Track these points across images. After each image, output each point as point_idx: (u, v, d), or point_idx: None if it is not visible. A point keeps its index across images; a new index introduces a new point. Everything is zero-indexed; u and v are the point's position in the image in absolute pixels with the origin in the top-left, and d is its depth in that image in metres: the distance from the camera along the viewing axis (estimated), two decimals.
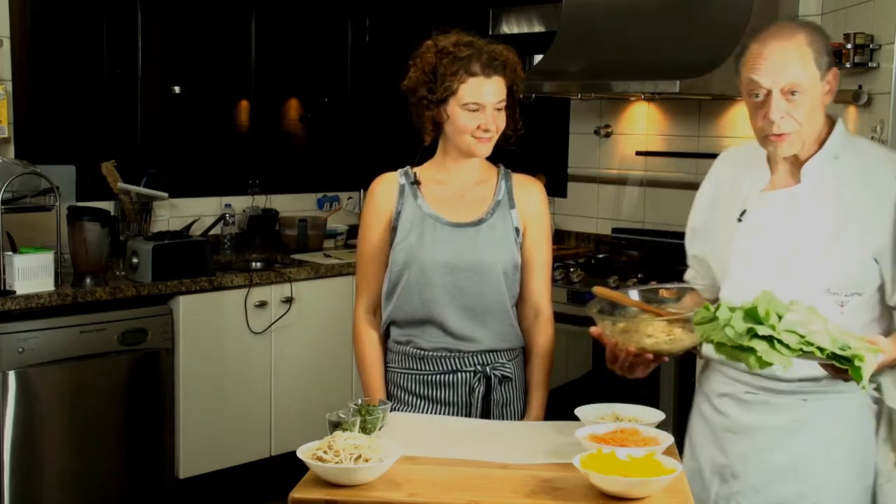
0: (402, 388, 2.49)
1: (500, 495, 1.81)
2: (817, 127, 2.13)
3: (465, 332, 2.43)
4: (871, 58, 3.24)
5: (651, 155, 4.67)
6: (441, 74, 2.39)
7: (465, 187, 2.50)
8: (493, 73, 2.40)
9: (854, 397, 2.12)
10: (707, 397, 2.31)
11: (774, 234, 2.16)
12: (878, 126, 3.18)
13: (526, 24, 5.33)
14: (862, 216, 2.09)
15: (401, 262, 2.44)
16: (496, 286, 2.44)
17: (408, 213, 2.47)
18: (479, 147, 2.43)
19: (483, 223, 2.46)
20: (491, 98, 2.39)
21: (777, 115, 2.06)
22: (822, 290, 2.09)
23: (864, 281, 2.10)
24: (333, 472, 1.80)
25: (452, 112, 2.40)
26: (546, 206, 2.57)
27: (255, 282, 4.19)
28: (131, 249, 3.96)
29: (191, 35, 4.70)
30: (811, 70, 2.06)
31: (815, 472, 2.14)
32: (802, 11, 3.97)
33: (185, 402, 4.03)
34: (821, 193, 2.13)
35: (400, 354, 2.50)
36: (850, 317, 2.09)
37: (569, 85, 4.39)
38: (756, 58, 2.09)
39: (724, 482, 2.24)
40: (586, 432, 1.96)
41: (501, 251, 2.45)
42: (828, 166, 2.14)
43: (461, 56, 2.38)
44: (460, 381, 2.45)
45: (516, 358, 2.52)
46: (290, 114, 5.19)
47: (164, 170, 4.50)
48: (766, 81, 2.07)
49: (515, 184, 2.53)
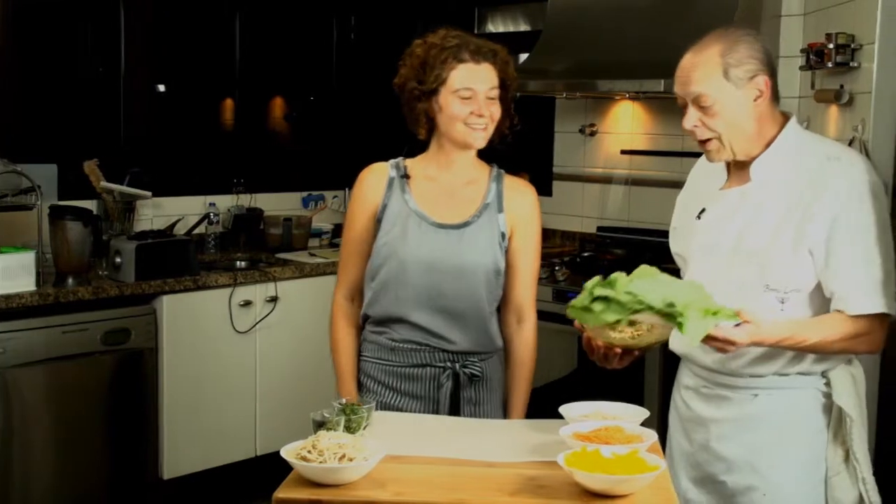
0: (372, 378, 2.50)
1: (485, 494, 1.81)
2: (746, 133, 2.17)
3: (439, 332, 2.43)
4: (852, 57, 3.26)
5: (636, 154, 4.68)
6: (430, 65, 2.38)
7: (455, 186, 2.48)
8: (482, 59, 2.39)
9: (805, 393, 2.21)
10: (678, 389, 2.42)
11: (724, 231, 2.23)
12: (859, 125, 3.19)
13: (511, 23, 5.33)
14: (802, 213, 2.13)
15: (382, 256, 2.44)
16: (475, 290, 2.42)
17: (393, 208, 2.45)
18: (474, 136, 2.41)
19: (468, 226, 2.44)
20: (482, 84, 2.38)
21: (688, 124, 2.17)
22: (762, 286, 2.16)
23: (802, 278, 2.14)
24: (318, 472, 1.80)
25: (444, 101, 2.38)
26: (537, 213, 2.54)
27: (240, 281, 4.18)
28: (114, 249, 3.95)
29: (175, 33, 4.68)
30: (719, 81, 2.12)
31: (766, 465, 2.22)
32: (785, 11, 3.99)
33: (168, 403, 4.01)
34: (768, 191, 2.19)
35: (373, 344, 2.50)
36: (792, 314, 2.15)
37: (554, 84, 4.40)
38: (677, 69, 2.20)
39: (692, 470, 2.35)
40: (570, 430, 1.96)
41: (484, 255, 2.43)
42: (777, 164, 2.19)
43: (449, 45, 2.38)
44: (428, 376, 2.45)
45: (489, 358, 2.50)
46: (275, 112, 5.18)
47: (147, 169, 4.47)
48: (679, 92, 2.19)
49: (507, 187, 2.51)
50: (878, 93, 3.14)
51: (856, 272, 2.10)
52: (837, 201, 2.11)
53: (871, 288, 2.10)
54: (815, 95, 3.54)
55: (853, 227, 2.11)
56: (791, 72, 3.76)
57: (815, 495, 2.21)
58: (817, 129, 3.62)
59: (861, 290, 2.10)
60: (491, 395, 2.50)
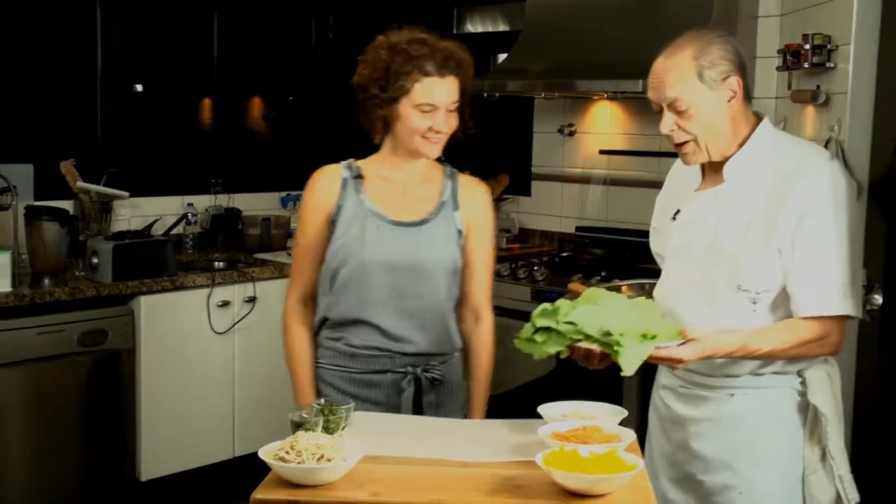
0: (330, 386, 2.46)
1: (463, 494, 1.81)
2: (722, 134, 2.18)
3: (400, 334, 2.40)
4: (828, 58, 3.28)
5: (614, 154, 4.69)
6: (394, 73, 2.33)
7: (410, 185, 2.46)
8: (447, 73, 2.35)
9: (781, 392, 2.22)
10: (657, 389, 2.43)
11: (697, 232, 2.24)
12: (835, 125, 3.21)
13: (490, 23, 5.33)
14: (773, 213, 2.14)
15: (339, 258, 2.40)
16: (436, 289, 2.41)
17: (349, 209, 2.42)
18: (429, 148, 2.39)
19: (426, 223, 2.42)
20: (444, 98, 2.35)
21: (665, 128, 2.18)
22: (734, 287, 2.17)
23: (773, 278, 2.15)
24: (296, 473, 1.79)
25: (404, 112, 2.35)
26: (491, 210, 2.54)
27: (218, 281, 4.16)
28: (91, 249, 3.92)
29: (152, 32, 4.66)
30: (693, 84, 2.13)
31: (743, 464, 2.23)
32: (762, 12, 4.01)
33: (146, 404, 3.99)
34: (741, 192, 2.20)
35: (331, 350, 2.46)
36: (763, 314, 2.17)
37: (533, 84, 4.40)
38: (650, 73, 2.21)
39: (671, 469, 2.36)
40: (549, 430, 1.96)
41: (443, 253, 2.41)
42: (750, 165, 2.21)
43: (415, 55, 2.33)
44: (388, 382, 2.42)
45: (449, 360, 2.49)
46: (254, 112, 5.16)
47: (124, 169, 4.45)
48: (654, 97, 2.19)
49: (461, 185, 2.50)
50: (854, 93, 3.16)
51: (816, 272, 2.11)
52: (807, 202, 2.12)
53: (829, 290, 2.11)
54: (791, 96, 3.56)
55: (819, 229, 2.12)
56: (768, 72, 3.78)
57: (792, 494, 2.22)
58: (794, 129, 3.64)
59: (818, 291, 2.11)
60: (452, 398, 2.49)
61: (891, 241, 3.15)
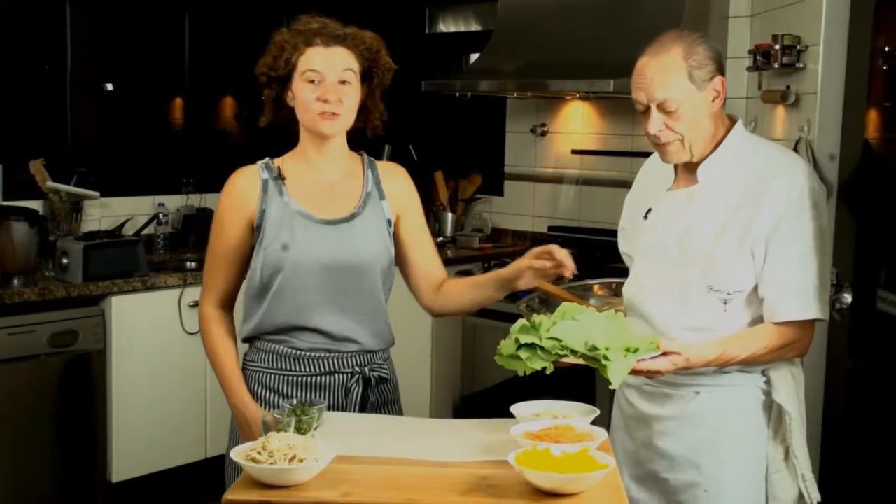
0: (269, 389, 2.35)
1: (436, 493, 1.81)
2: (705, 133, 2.20)
3: (344, 334, 2.33)
4: (798, 59, 3.31)
5: (586, 153, 4.71)
6: (283, 49, 2.31)
7: (333, 180, 2.38)
8: (333, 43, 2.29)
9: (746, 391, 2.24)
10: (622, 388, 2.42)
11: (669, 231, 2.25)
12: (805, 125, 3.25)
13: (463, 23, 5.34)
14: (746, 215, 2.16)
15: (272, 265, 2.29)
16: (374, 283, 2.34)
17: (274, 212, 2.31)
18: (323, 124, 2.29)
19: (356, 217, 2.34)
20: (329, 67, 2.27)
21: (654, 128, 2.17)
22: (705, 287, 2.19)
23: (745, 279, 2.17)
24: (267, 473, 1.79)
25: (296, 87, 2.30)
26: (414, 188, 2.48)
27: (190, 282, 4.14)
28: (61, 249, 3.89)
29: (123, 31, 4.62)
30: (684, 84, 2.14)
31: (708, 462, 2.24)
32: (733, 12, 4.04)
33: (117, 405, 3.96)
34: (714, 193, 2.22)
35: (271, 354, 2.36)
36: (734, 314, 2.19)
37: (505, 84, 4.41)
38: (635, 73, 2.19)
39: (634, 467, 2.36)
40: (521, 429, 1.97)
41: (377, 246, 2.35)
42: (724, 166, 2.22)
43: (303, 30, 2.31)
44: (336, 383, 2.35)
45: (389, 358, 2.47)
46: (226, 112, 5.14)
47: (95, 168, 4.42)
48: (642, 98, 2.17)
49: (382, 172, 2.43)
50: (823, 94, 3.20)
51: (790, 277, 2.14)
52: (780, 205, 2.14)
53: (802, 293, 2.14)
54: (762, 96, 3.59)
55: (792, 233, 2.14)
56: (739, 73, 3.81)
57: (756, 491, 2.24)
58: (765, 129, 3.67)
59: (792, 295, 2.14)
60: (395, 396, 2.46)
61: (860, 240, 3.18)
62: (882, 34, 3.06)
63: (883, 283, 2.97)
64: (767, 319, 2.16)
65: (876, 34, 3.09)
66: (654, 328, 2.23)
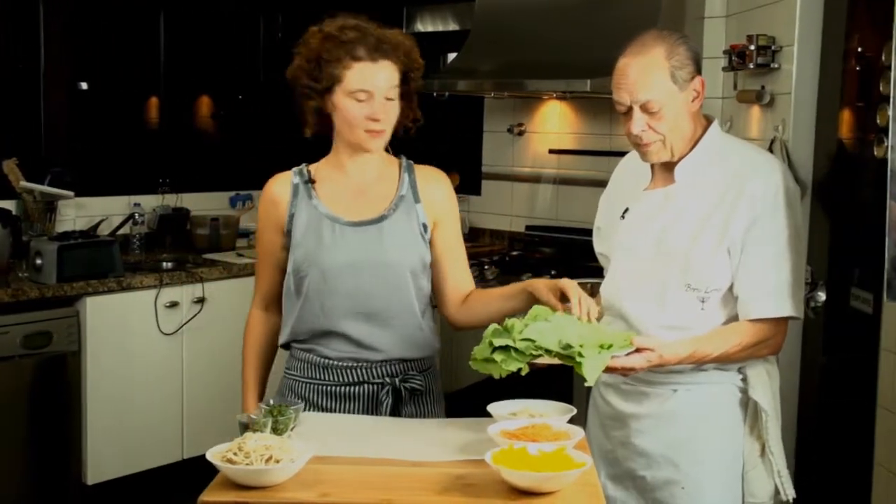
0: (302, 399, 2.32)
1: (413, 493, 1.80)
2: (685, 133, 2.21)
3: (368, 341, 2.28)
4: (773, 59, 3.33)
5: (564, 153, 4.72)
6: (325, 61, 2.22)
7: (365, 184, 2.33)
8: (380, 57, 2.21)
9: (722, 388, 2.25)
10: (597, 386, 2.43)
11: (647, 231, 2.26)
12: (779, 125, 3.27)
13: (441, 23, 5.33)
14: (723, 215, 2.18)
15: (299, 268, 2.28)
16: (403, 287, 2.28)
17: (303, 216, 2.30)
18: (371, 142, 2.25)
19: (385, 220, 2.29)
20: (379, 84, 2.21)
21: (637, 129, 2.17)
22: (683, 286, 2.20)
23: (722, 278, 2.18)
24: (243, 474, 1.78)
25: (339, 102, 2.22)
26: (454, 197, 2.43)
27: (166, 282, 4.12)
28: (35, 250, 3.86)
29: (97, 29, 4.59)
30: (667, 85, 2.14)
31: (685, 459, 2.25)
32: (708, 13, 4.05)
33: (92, 407, 3.94)
34: (692, 192, 2.23)
35: (303, 362, 2.35)
36: (711, 313, 2.20)
37: (482, 83, 4.41)
38: (617, 73, 2.18)
39: (610, 466, 2.37)
40: (498, 428, 1.97)
41: (408, 249, 2.30)
42: (701, 166, 2.23)
43: (345, 40, 2.20)
44: (366, 394, 2.31)
45: (429, 369, 2.39)
46: (202, 111, 5.12)
47: (69, 168, 4.39)
48: (624, 98, 2.17)
49: (419, 177, 2.37)
50: (798, 94, 3.22)
51: (765, 275, 2.16)
52: (756, 204, 2.16)
53: (777, 291, 2.16)
54: (737, 96, 3.61)
55: (767, 232, 2.16)
56: (714, 73, 3.83)
57: (733, 488, 2.25)
58: (740, 129, 3.69)
59: (766, 293, 2.15)
60: (434, 408, 2.40)
61: (834, 239, 3.21)
62: (855, 35, 3.09)
63: (856, 282, 2.99)
64: (742, 317, 2.18)
65: (849, 35, 3.11)
66: (631, 327, 2.23)
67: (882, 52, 2.70)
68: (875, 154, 2.68)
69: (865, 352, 2.76)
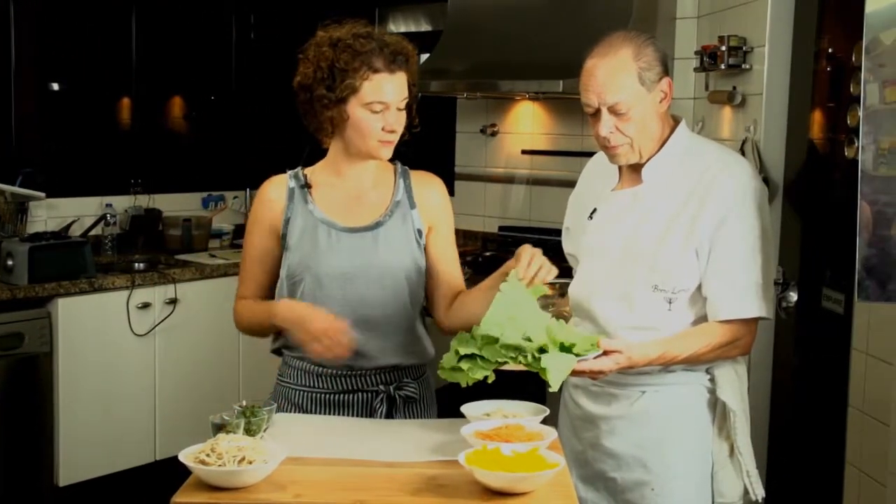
0: (295, 406, 2.33)
1: (386, 494, 1.81)
2: (653, 134, 2.21)
3: (364, 349, 2.26)
4: (744, 60, 3.35)
5: (536, 154, 4.73)
6: (341, 70, 2.19)
7: (361, 190, 2.33)
8: (396, 68, 2.22)
9: (691, 389, 2.26)
10: (567, 387, 2.43)
11: (615, 231, 2.27)
12: (751, 125, 3.29)
13: (413, 23, 5.33)
14: (691, 215, 2.18)
15: (294, 273, 2.28)
16: (398, 294, 2.28)
17: (298, 220, 2.29)
18: (383, 150, 2.26)
19: (381, 226, 2.30)
20: (395, 96, 2.22)
21: (605, 131, 2.17)
22: (650, 286, 2.20)
23: (689, 279, 2.19)
24: (216, 475, 1.77)
25: (353, 112, 2.21)
26: (449, 201, 2.43)
27: (138, 283, 4.10)
28: (5, 251, 3.83)
29: (68, 29, 4.56)
30: (635, 86, 2.14)
31: (654, 460, 2.26)
32: (680, 14, 4.07)
33: (64, 408, 3.91)
34: (659, 193, 2.24)
35: (295, 370, 2.34)
36: (679, 314, 2.20)
37: (455, 84, 4.41)
38: (585, 75, 2.18)
39: (581, 468, 2.36)
40: (472, 429, 1.97)
41: (403, 255, 2.30)
42: (668, 167, 2.24)
43: (362, 50, 2.19)
44: (359, 402, 2.31)
45: (423, 376, 2.39)
46: (174, 112, 5.09)
47: (40, 169, 4.36)
48: (592, 100, 2.17)
49: (415, 182, 2.38)
50: (769, 94, 3.25)
51: (734, 276, 2.16)
52: (725, 204, 2.16)
53: (745, 294, 2.16)
54: (709, 97, 3.63)
55: (735, 232, 2.16)
56: (686, 73, 3.85)
57: (702, 488, 2.26)
58: (712, 129, 3.71)
59: (735, 294, 2.16)
60: (428, 416, 2.40)
61: (805, 239, 3.23)
62: (825, 36, 3.11)
63: (828, 282, 3.01)
64: (711, 318, 2.18)
65: (820, 36, 3.14)
66: (600, 328, 2.24)
67: (853, 53, 2.73)
68: (846, 154, 2.70)
69: (837, 352, 2.78)
